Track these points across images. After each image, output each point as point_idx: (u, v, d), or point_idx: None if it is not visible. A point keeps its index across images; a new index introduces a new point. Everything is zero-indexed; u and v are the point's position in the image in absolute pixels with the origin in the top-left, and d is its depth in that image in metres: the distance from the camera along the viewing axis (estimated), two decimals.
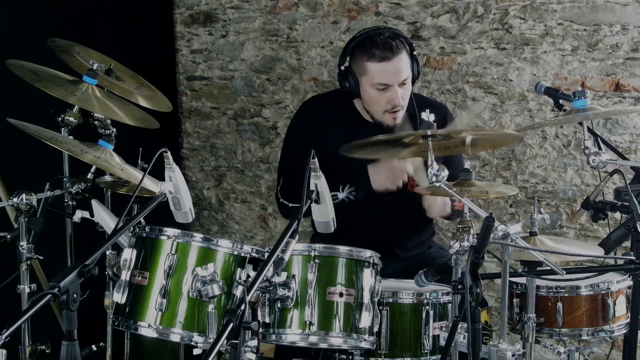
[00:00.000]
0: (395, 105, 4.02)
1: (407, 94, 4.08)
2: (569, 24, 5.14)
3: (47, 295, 2.51)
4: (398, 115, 4.07)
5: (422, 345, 3.44)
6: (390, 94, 4.01)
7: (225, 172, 6.44)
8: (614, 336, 3.72)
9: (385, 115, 4.07)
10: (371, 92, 4.04)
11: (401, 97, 4.02)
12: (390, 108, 4.04)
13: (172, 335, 3.17)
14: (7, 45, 4.90)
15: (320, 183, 3.14)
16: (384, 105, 4.04)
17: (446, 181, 3.12)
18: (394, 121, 4.08)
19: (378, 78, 4.00)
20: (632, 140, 5.07)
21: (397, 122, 4.08)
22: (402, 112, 4.07)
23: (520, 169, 5.40)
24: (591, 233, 5.23)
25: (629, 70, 5.03)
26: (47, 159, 4.25)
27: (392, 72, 3.99)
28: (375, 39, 4.01)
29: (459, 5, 5.43)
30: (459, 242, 3.13)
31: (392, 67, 3.98)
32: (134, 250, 3.24)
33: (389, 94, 4.01)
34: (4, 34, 4.99)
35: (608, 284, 3.62)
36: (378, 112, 4.08)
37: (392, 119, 4.07)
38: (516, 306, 3.61)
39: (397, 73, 3.99)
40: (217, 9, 6.26)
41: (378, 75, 3.99)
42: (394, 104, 4.02)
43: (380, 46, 3.98)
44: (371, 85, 4.02)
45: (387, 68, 3.98)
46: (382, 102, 4.04)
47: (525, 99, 5.33)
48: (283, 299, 3.17)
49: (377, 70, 3.99)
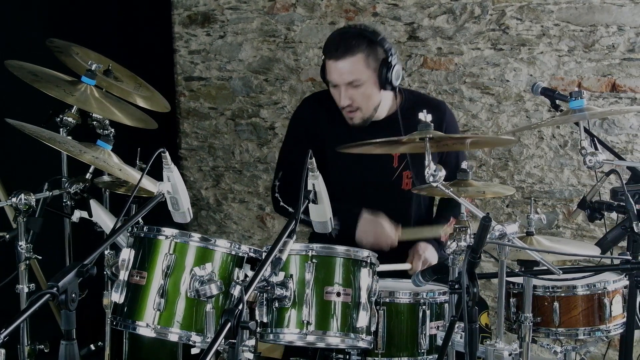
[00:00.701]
0: (342, 106, 4.05)
1: (360, 97, 4.04)
2: (565, 25, 5.15)
3: (46, 294, 2.51)
4: (354, 116, 4.08)
5: (419, 345, 3.44)
6: (336, 93, 4.05)
7: (223, 172, 6.45)
8: (611, 336, 3.71)
9: (343, 111, 4.10)
10: (330, 87, 4.09)
11: (349, 98, 4.02)
12: (342, 107, 4.07)
13: (170, 335, 3.17)
14: (6, 45, 4.91)
15: (318, 183, 3.14)
16: (337, 102, 4.08)
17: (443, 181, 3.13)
18: (351, 120, 4.10)
19: (328, 75, 4.04)
20: (628, 141, 5.09)
21: (354, 121, 4.10)
22: (359, 113, 4.08)
23: (517, 169, 5.41)
24: (587, 233, 5.24)
25: (625, 71, 5.04)
26: (45, 159, 4.25)
27: (338, 71, 4.00)
28: (336, 38, 4.06)
29: (456, 6, 5.45)
30: (456, 242, 3.13)
31: (339, 66, 3.99)
32: (132, 250, 3.23)
33: (338, 92, 4.04)
34: (2, 35, 5.01)
35: (604, 284, 3.63)
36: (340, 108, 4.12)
37: (348, 117, 4.10)
38: (513, 306, 3.61)
39: (342, 73, 3.99)
40: (215, 9, 6.27)
41: (328, 72, 4.03)
42: (340, 104, 4.05)
43: (336, 44, 4.01)
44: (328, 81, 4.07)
45: (335, 67, 4.00)
46: (335, 98, 4.08)
47: (522, 100, 5.34)
48: (281, 298, 3.17)
49: (328, 68, 4.03)
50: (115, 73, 4.25)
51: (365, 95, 4.04)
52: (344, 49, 3.97)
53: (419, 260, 4.02)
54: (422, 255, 4.04)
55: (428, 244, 4.09)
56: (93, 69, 3.85)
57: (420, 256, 4.03)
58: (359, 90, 4.02)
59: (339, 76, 3.99)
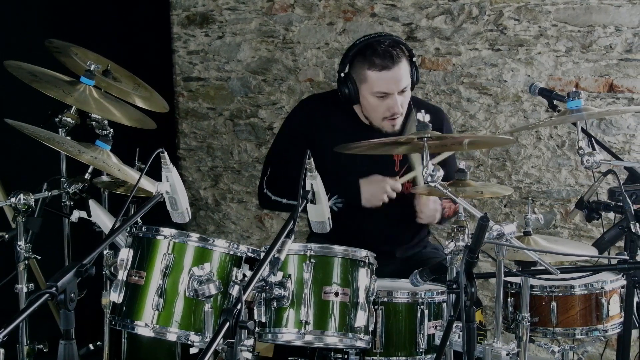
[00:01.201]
0: (395, 113, 4.04)
1: (406, 101, 4.09)
2: (563, 25, 5.16)
3: (45, 294, 2.52)
4: (397, 122, 4.09)
5: (417, 345, 3.44)
6: (389, 101, 4.03)
7: (222, 172, 6.45)
8: (608, 335, 3.74)
9: (384, 122, 4.09)
10: (371, 99, 4.05)
11: (400, 104, 4.04)
12: (389, 115, 4.06)
13: (168, 335, 3.17)
14: (5, 46, 4.91)
15: (316, 183, 3.15)
16: (383, 113, 4.06)
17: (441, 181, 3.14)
18: (393, 128, 4.10)
19: (378, 87, 4.01)
20: (625, 141, 5.09)
21: (395, 128, 4.10)
22: (400, 118, 4.09)
23: (515, 169, 5.42)
24: (585, 233, 5.24)
25: (623, 71, 5.05)
26: (44, 160, 4.26)
27: (393, 80, 3.99)
28: (375, 47, 4.01)
29: (454, 7, 5.45)
30: (453, 241, 3.14)
31: (392, 75, 3.99)
32: (131, 250, 3.24)
33: (388, 101, 4.03)
34: (2, 35, 5.01)
35: (602, 284, 3.64)
36: (377, 119, 4.10)
37: (390, 125, 4.10)
38: (510, 305, 3.63)
39: (397, 82, 4.00)
40: (213, 10, 6.27)
41: (378, 83, 4.00)
42: (393, 112, 4.04)
43: (380, 55, 3.98)
44: (371, 94, 4.04)
45: (388, 77, 3.99)
46: (381, 109, 4.06)
47: (519, 100, 5.35)
48: (279, 298, 3.18)
49: (378, 79, 4.00)
50: (114, 73, 4.24)
51: (407, 99, 4.11)
52: (390, 58, 3.98)
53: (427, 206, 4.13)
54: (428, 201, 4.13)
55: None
56: (92, 69, 3.85)
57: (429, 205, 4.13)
58: (405, 95, 4.08)
59: (393, 84, 4.00)
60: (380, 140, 3.39)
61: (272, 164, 4.34)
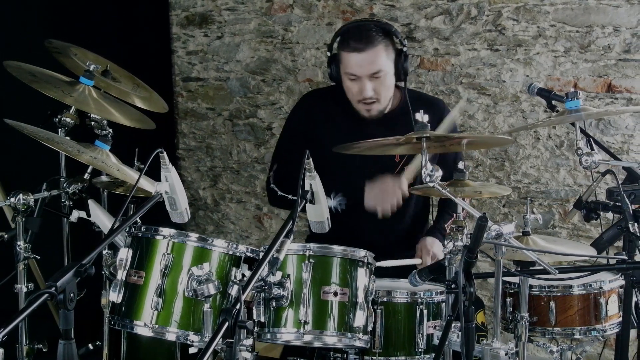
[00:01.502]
0: (365, 97, 4.05)
1: (381, 88, 4.06)
2: (561, 26, 5.17)
3: (44, 294, 2.52)
4: (372, 107, 4.09)
5: (416, 344, 3.44)
6: (360, 84, 4.03)
7: (221, 172, 6.46)
8: (606, 335, 3.73)
9: (359, 105, 4.10)
10: (346, 81, 4.08)
11: (372, 89, 4.03)
12: (361, 99, 4.06)
13: (167, 334, 3.16)
14: (5, 46, 4.92)
15: (315, 183, 3.15)
16: (356, 95, 4.07)
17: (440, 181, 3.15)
18: (368, 112, 4.10)
19: (349, 68, 4.02)
20: (624, 141, 5.10)
21: (371, 113, 4.10)
22: (377, 104, 4.09)
23: (513, 170, 5.43)
24: (583, 233, 5.25)
25: (621, 72, 5.05)
26: (44, 160, 4.25)
27: (362, 63, 3.99)
28: (354, 30, 4.05)
29: (453, 7, 5.46)
30: (452, 241, 3.14)
31: (362, 58, 3.98)
32: (130, 250, 3.23)
33: (359, 84, 4.03)
34: (1, 36, 5.01)
35: (600, 284, 3.64)
36: (353, 101, 4.11)
37: (365, 109, 4.10)
38: (509, 305, 3.63)
39: (366, 65, 3.99)
40: (212, 10, 6.28)
41: (349, 65, 4.02)
42: (363, 96, 4.04)
43: (355, 36, 4.00)
44: (345, 74, 4.06)
45: (358, 59, 3.99)
46: (354, 91, 4.07)
47: (518, 100, 5.36)
48: (278, 298, 3.17)
49: (349, 60, 4.01)
50: (113, 74, 4.24)
51: (385, 86, 4.07)
52: (365, 40, 3.98)
53: (428, 255, 4.05)
54: (431, 250, 4.06)
55: (435, 239, 4.12)
56: (91, 69, 3.85)
57: (428, 251, 4.06)
58: (380, 81, 4.04)
59: (360, 68, 4.00)
60: (379, 140, 3.38)
61: (278, 159, 4.36)
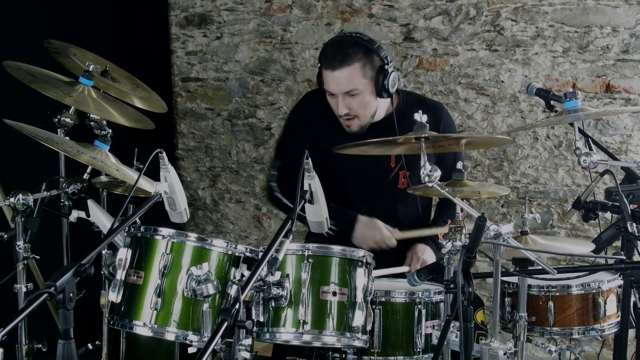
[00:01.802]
0: (340, 115, 4.06)
1: (357, 105, 4.05)
2: (560, 26, 5.18)
3: (44, 294, 2.53)
4: (352, 123, 4.09)
5: (414, 344, 3.43)
6: (336, 101, 4.05)
7: (220, 172, 6.46)
8: (605, 335, 3.73)
9: (341, 119, 4.11)
10: (327, 96, 4.09)
11: (346, 106, 4.03)
12: (340, 115, 4.07)
13: (167, 334, 3.16)
14: (4, 46, 4.91)
15: (314, 183, 3.15)
16: (336, 111, 4.08)
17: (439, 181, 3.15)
18: (348, 128, 4.11)
19: (326, 84, 4.04)
20: (622, 141, 5.11)
21: (351, 129, 4.11)
22: (357, 120, 4.09)
23: (512, 170, 5.43)
24: (582, 233, 5.25)
25: (620, 72, 5.06)
26: (43, 160, 4.25)
27: (336, 81, 3.99)
28: (333, 46, 4.04)
29: (452, 7, 5.47)
30: (451, 241, 3.14)
31: (336, 76, 3.98)
32: (129, 250, 3.22)
33: (335, 101, 4.05)
34: (1, 36, 5.01)
35: (599, 284, 3.64)
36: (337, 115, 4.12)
37: (346, 125, 4.11)
38: (508, 305, 3.63)
39: (340, 83, 3.99)
40: (211, 11, 6.29)
41: (326, 81, 4.03)
42: (338, 113, 4.05)
43: (331, 54, 4.00)
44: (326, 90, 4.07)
45: (332, 76, 3.99)
46: (333, 107, 4.09)
47: (516, 100, 5.36)
48: (277, 298, 3.17)
49: (326, 77, 4.03)
50: (112, 74, 4.24)
51: (362, 103, 4.05)
52: (340, 59, 3.96)
53: (418, 262, 4.04)
54: (421, 257, 4.06)
55: (426, 246, 4.11)
56: (90, 69, 3.85)
57: (418, 258, 4.06)
58: (356, 99, 4.03)
59: (336, 86, 4.00)
60: (377, 141, 3.39)
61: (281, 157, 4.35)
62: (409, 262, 4.07)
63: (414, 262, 4.05)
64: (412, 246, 4.13)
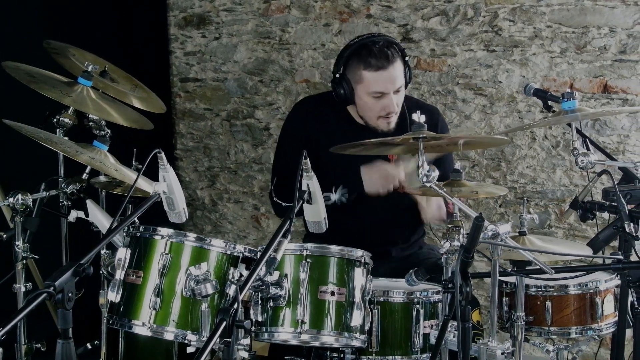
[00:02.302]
0: (390, 112, 4.07)
1: (401, 100, 4.12)
2: (557, 27, 5.18)
3: (43, 294, 2.54)
4: (392, 120, 4.12)
5: (412, 344, 3.45)
6: (385, 101, 4.05)
7: (219, 172, 6.46)
8: (602, 334, 3.73)
9: (380, 120, 4.11)
10: (367, 99, 4.07)
11: (396, 103, 4.07)
12: (384, 114, 4.08)
13: (165, 334, 3.17)
14: (3, 47, 4.91)
15: (312, 183, 3.16)
16: (379, 112, 4.08)
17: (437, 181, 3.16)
18: (388, 126, 4.12)
19: (374, 87, 4.03)
20: (619, 141, 5.11)
21: (390, 127, 4.12)
22: (395, 117, 4.12)
23: (510, 170, 5.44)
24: (580, 233, 5.26)
25: (617, 72, 5.07)
26: (42, 160, 4.25)
27: (388, 80, 4.02)
28: (370, 48, 4.03)
29: (449, 8, 5.47)
30: (449, 241, 3.16)
31: (388, 75, 4.01)
32: (128, 250, 3.23)
33: (384, 101, 4.05)
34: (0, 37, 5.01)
35: (596, 283, 3.65)
36: (372, 119, 4.12)
37: (386, 123, 4.12)
38: (505, 305, 3.64)
39: (392, 81, 4.02)
40: (210, 11, 6.29)
41: (374, 84, 4.02)
42: (389, 111, 4.07)
43: (376, 55, 4.00)
44: (367, 94, 4.05)
45: (384, 77, 4.01)
46: (376, 109, 4.08)
47: (514, 101, 5.37)
48: (275, 297, 3.18)
49: (374, 79, 4.02)
50: (111, 74, 4.23)
51: (401, 98, 4.14)
52: (385, 58, 4.00)
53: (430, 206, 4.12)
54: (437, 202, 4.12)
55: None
56: (89, 70, 3.84)
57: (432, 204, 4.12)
58: (400, 94, 4.10)
59: (389, 84, 4.03)
60: (376, 141, 3.40)
61: (277, 172, 4.36)
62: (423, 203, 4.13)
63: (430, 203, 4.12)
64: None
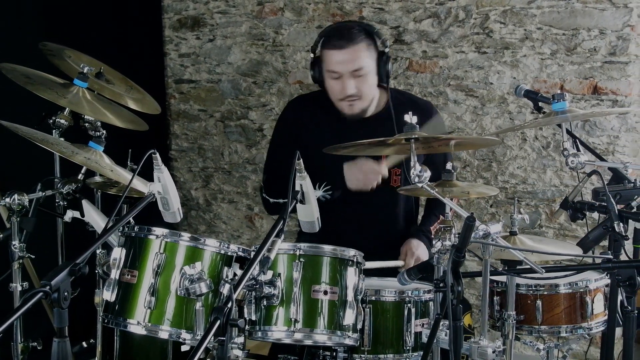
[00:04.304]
0: (347, 96, 4.05)
1: (363, 85, 4.06)
2: (548, 29, 5.21)
3: (39, 293, 2.55)
4: (354, 104, 4.09)
5: (404, 342, 3.45)
6: (342, 82, 4.04)
7: (213, 173, 6.49)
8: (592, 333, 3.74)
9: (341, 103, 4.10)
10: (328, 80, 4.09)
11: (354, 87, 4.03)
12: (343, 97, 4.07)
13: (160, 333, 3.17)
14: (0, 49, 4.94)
15: (305, 184, 3.18)
16: (338, 94, 4.07)
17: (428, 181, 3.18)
18: (351, 109, 4.10)
19: (331, 65, 4.03)
20: (609, 142, 5.15)
21: (353, 110, 4.10)
22: (359, 102, 4.09)
23: (501, 170, 5.47)
24: (570, 232, 5.29)
25: (607, 74, 5.10)
26: (38, 160, 4.25)
27: (343, 60, 4.00)
28: (338, 28, 4.08)
29: (441, 10, 5.50)
30: (440, 241, 3.16)
31: (344, 55, 3.99)
32: (124, 249, 3.23)
33: (341, 82, 4.04)
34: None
35: (586, 283, 3.66)
36: (335, 101, 4.12)
37: (348, 106, 4.10)
38: (496, 304, 3.65)
39: (348, 62, 4.00)
40: (204, 13, 6.31)
41: (331, 63, 4.03)
42: (345, 94, 4.05)
43: (337, 35, 4.02)
44: (327, 73, 4.07)
45: (339, 56, 4.00)
46: (336, 90, 4.08)
47: (505, 102, 5.40)
48: (269, 296, 3.18)
49: (331, 58, 4.03)
50: (106, 76, 4.23)
51: (367, 84, 4.07)
52: (347, 38, 3.99)
53: (412, 257, 4.06)
54: (415, 252, 4.08)
55: (420, 242, 4.12)
56: (85, 71, 3.85)
57: (413, 253, 4.07)
58: (362, 79, 4.04)
59: (343, 65, 4.00)
60: (368, 142, 3.40)
61: (268, 169, 4.38)
62: (403, 257, 4.08)
63: (408, 257, 4.06)
64: (406, 242, 4.14)
